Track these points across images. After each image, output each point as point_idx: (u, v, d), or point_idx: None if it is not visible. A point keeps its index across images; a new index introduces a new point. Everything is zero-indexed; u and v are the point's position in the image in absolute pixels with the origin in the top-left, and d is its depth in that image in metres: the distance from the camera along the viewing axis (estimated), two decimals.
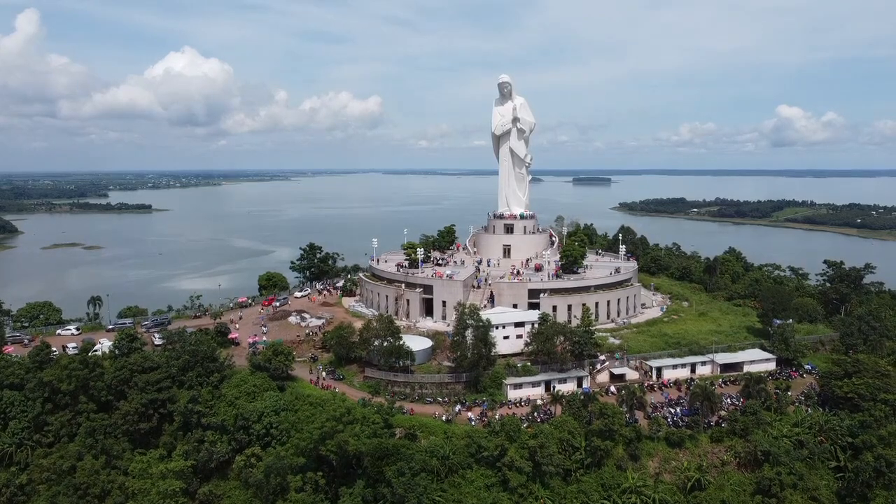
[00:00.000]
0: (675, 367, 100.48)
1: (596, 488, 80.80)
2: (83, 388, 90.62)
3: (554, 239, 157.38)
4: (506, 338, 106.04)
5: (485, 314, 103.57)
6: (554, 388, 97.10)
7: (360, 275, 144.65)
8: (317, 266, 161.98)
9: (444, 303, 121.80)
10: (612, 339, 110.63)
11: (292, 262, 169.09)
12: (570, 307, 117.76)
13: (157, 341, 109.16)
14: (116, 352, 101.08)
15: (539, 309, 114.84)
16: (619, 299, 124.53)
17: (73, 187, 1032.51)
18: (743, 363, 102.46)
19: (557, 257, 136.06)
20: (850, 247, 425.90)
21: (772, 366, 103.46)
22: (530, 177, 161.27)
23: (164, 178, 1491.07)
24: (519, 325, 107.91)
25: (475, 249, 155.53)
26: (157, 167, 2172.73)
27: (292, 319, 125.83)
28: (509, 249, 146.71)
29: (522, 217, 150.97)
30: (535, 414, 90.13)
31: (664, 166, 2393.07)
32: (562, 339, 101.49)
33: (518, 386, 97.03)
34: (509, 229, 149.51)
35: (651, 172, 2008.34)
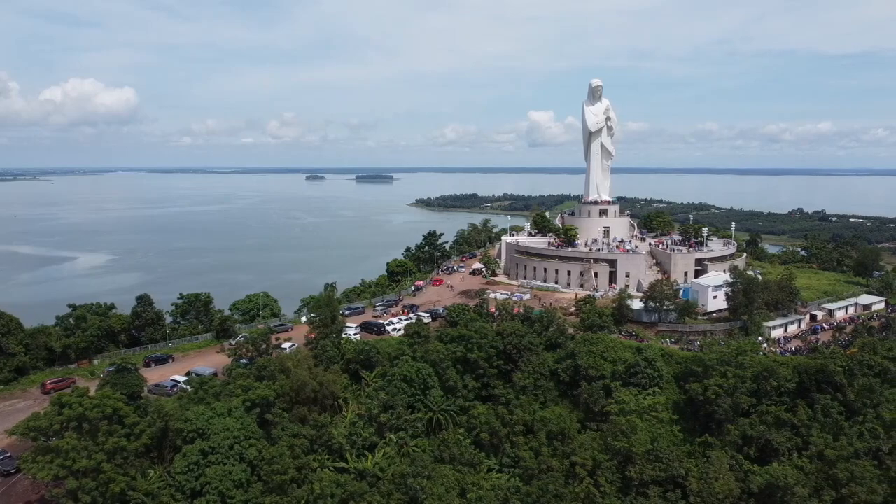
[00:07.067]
0: (843, 308, 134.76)
1: None
2: None
3: (633, 223, 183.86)
4: (714, 297, 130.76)
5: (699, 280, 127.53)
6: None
7: (513, 254, 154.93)
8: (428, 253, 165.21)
9: (627, 274, 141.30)
10: None
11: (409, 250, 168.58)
12: (724, 271, 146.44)
13: None
14: None
15: (700, 276, 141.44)
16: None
17: None
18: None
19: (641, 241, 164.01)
20: None
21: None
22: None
23: None
24: (718, 287, 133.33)
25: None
26: None
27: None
28: (608, 230, 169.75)
29: (611, 202, 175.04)
30: None
31: (436, 164, 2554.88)
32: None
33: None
34: (604, 213, 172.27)
35: (425, 170, 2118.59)
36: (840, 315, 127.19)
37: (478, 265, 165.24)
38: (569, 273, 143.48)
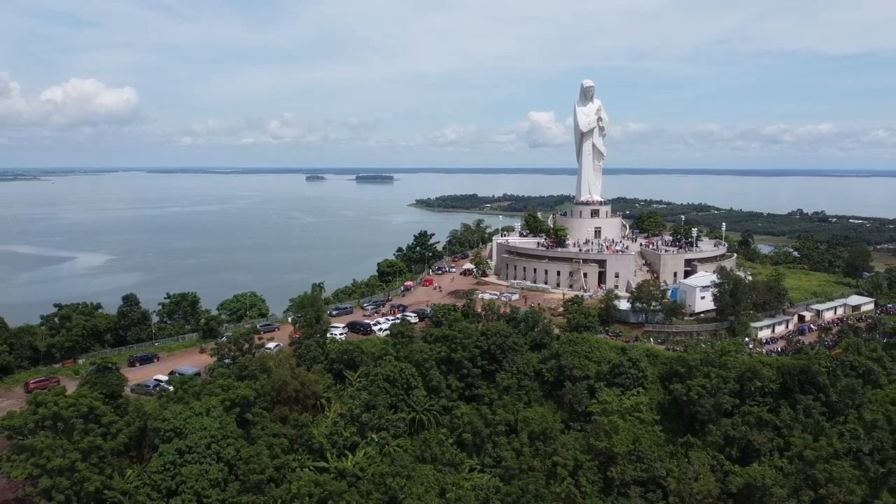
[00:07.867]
0: (832, 309, 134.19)
1: None
2: None
3: (624, 224, 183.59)
4: (702, 298, 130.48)
5: (687, 280, 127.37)
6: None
7: (503, 255, 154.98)
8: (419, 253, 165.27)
9: (616, 274, 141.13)
10: None
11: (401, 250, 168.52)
12: (713, 272, 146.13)
13: None
14: None
15: (689, 277, 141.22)
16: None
17: None
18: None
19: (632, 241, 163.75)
20: None
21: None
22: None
23: None
24: (705, 288, 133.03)
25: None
26: None
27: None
28: (600, 231, 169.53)
29: (602, 203, 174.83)
30: None
31: (437, 164, 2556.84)
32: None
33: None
34: (595, 213, 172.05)
35: (425, 171, 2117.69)
36: (828, 316, 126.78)
37: (469, 265, 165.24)
38: (558, 273, 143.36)
